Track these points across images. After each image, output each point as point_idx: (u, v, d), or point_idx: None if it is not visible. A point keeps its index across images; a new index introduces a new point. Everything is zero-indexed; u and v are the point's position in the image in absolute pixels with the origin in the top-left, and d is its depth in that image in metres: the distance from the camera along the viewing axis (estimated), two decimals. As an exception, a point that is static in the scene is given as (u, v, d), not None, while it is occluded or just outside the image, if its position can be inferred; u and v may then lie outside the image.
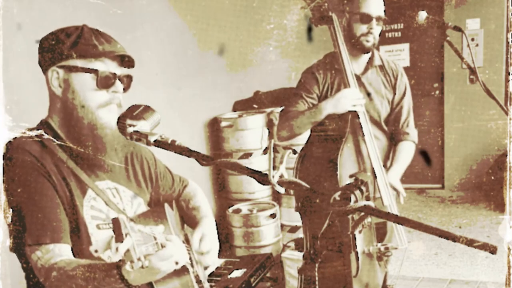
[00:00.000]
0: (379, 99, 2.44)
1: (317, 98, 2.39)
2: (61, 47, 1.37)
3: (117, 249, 1.11)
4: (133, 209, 1.50)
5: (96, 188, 1.41)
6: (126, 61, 1.45)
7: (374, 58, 2.43)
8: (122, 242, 1.11)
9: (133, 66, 1.48)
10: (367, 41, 2.33)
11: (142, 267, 1.11)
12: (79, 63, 1.38)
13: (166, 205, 1.56)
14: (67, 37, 1.38)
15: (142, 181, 1.58)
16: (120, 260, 1.19)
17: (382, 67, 2.46)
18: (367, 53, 2.40)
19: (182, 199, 1.73)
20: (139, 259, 1.11)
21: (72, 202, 1.35)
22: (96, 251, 1.17)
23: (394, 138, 2.51)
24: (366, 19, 2.30)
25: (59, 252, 1.28)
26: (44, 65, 1.39)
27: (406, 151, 2.48)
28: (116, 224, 1.12)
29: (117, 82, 1.42)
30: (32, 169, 1.32)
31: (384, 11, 2.36)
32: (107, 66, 1.41)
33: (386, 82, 2.46)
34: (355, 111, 2.25)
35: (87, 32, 1.40)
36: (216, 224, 1.65)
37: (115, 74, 1.41)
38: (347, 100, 2.24)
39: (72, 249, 1.33)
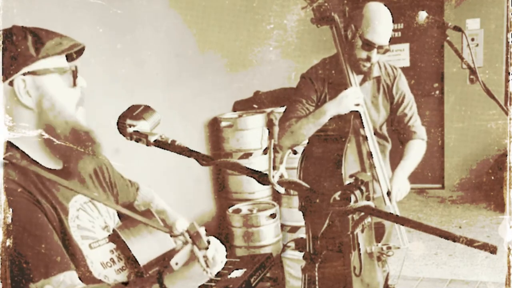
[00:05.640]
0: (376, 110, 2.44)
1: (315, 106, 2.38)
2: (23, 51, 1.19)
3: (205, 257, 1.10)
4: (112, 219, 1.41)
5: (76, 205, 1.30)
6: (74, 53, 1.32)
7: (372, 71, 2.41)
8: (207, 249, 1.11)
9: (77, 58, 1.35)
10: (364, 66, 2.32)
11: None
12: (46, 63, 1.24)
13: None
14: (22, 39, 1.20)
15: (107, 189, 1.46)
16: (161, 267, 1.16)
17: (379, 78, 2.44)
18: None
19: (140, 203, 1.63)
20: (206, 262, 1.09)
21: (61, 225, 1.23)
22: (176, 263, 1.10)
23: (402, 139, 2.51)
24: (368, 47, 2.26)
25: (71, 281, 1.17)
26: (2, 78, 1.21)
27: (414, 149, 2.47)
28: (196, 234, 1.09)
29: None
30: (21, 198, 1.18)
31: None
32: (66, 61, 1.31)
33: (383, 91, 2.45)
34: (356, 111, 2.25)
35: (35, 29, 1.24)
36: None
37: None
38: (349, 99, 2.24)
39: None
